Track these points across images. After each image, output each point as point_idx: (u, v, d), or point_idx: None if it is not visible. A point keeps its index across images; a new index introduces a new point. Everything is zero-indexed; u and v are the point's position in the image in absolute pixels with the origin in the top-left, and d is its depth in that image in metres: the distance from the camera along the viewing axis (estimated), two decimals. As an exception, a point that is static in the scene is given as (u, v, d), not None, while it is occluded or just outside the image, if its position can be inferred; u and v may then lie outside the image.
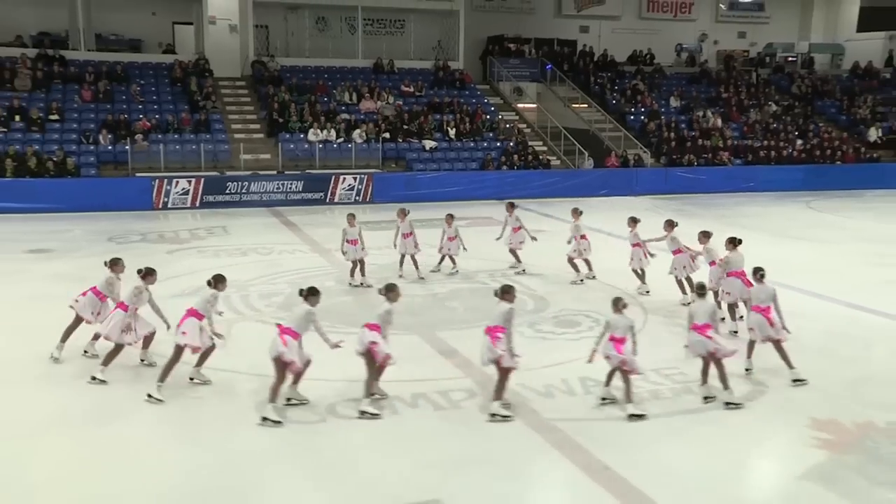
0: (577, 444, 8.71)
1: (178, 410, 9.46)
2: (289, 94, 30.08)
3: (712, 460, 8.47)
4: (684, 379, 10.49)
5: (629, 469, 8.14)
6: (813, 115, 36.18)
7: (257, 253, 18.50)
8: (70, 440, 8.72)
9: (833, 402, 10.00)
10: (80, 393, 9.91)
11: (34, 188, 23.59)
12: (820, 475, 8.10)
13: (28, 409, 9.50)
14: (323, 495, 7.72)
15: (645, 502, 7.56)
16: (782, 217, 24.96)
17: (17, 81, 27.96)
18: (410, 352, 11.64)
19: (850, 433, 9.10)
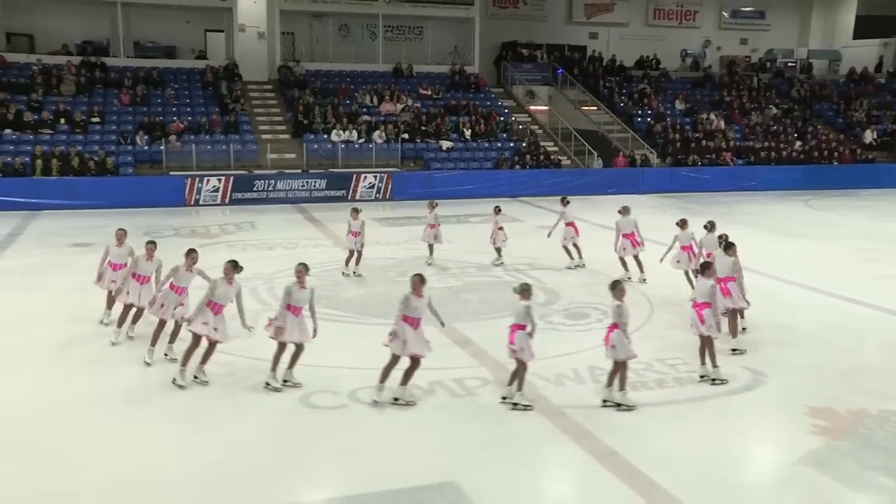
0: (585, 430, 8.67)
1: (206, 396, 9.46)
2: (313, 97, 30.10)
3: (713, 446, 8.42)
4: (688, 369, 10.42)
5: (634, 454, 8.10)
6: (811, 118, 35.93)
7: (283, 247, 18.51)
8: (108, 421, 8.76)
9: (828, 390, 9.94)
10: (121, 376, 9.96)
11: (77, 186, 23.75)
12: (815, 460, 8.06)
13: (73, 390, 9.56)
14: (344, 476, 7.71)
15: (649, 485, 7.52)
16: (781, 215, 24.78)
17: (63, 87, 28.15)
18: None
19: (844, 420, 9.05)
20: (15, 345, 11.10)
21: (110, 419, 8.84)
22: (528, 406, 9.10)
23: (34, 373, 10.17)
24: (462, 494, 7.27)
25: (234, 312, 9.86)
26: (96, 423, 8.73)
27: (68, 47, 30.56)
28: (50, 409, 9.05)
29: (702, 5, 40.42)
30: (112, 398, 9.36)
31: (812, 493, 7.50)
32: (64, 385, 9.71)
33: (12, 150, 24.87)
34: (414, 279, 9.21)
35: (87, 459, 7.94)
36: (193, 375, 9.67)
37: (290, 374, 9.56)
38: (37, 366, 10.38)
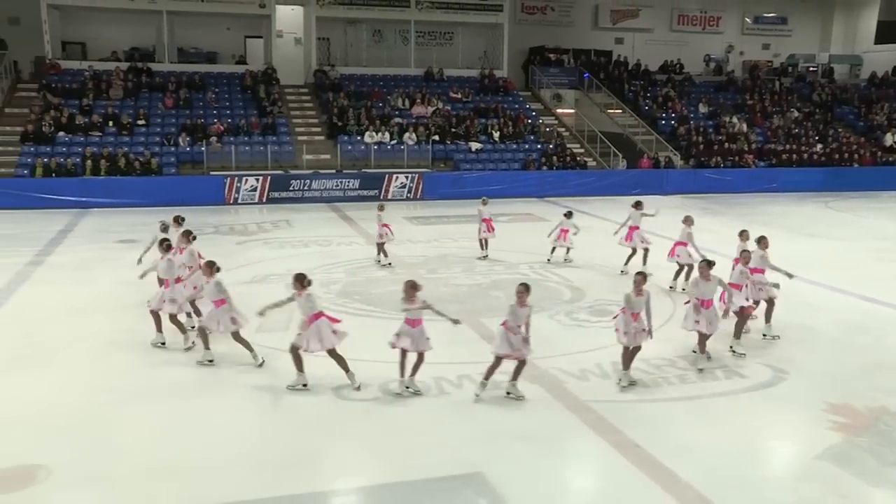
0: (609, 424, 8.61)
1: (243, 389, 9.51)
2: (347, 100, 30.21)
3: (734, 440, 8.34)
4: (710, 366, 10.32)
5: (657, 447, 8.04)
6: (832, 121, 35.43)
7: (317, 245, 18.61)
8: (153, 409, 8.86)
9: (847, 387, 9.81)
10: (167, 367, 10.08)
11: (123, 185, 24.09)
12: (834, 456, 7.95)
13: (121, 379, 9.68)
14: (375, 466, 7.73)
15: (671, 478, 7.46)
16: (802, 216, 24.46)
17: (112, 91, 28.56)
18: (456, 336, 11.57)
19: (863, 417, 8.92)
20: (68, 335, 11.29)
21: (155, 408, 8.94)
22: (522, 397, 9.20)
23: (86, 362, 10.33)
24: (488, 485, 7.25)
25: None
26: (142, 411, 8.83)
27: (117, 54, 31.01)
28: (100, 397, 9.19)
29: (725, 11, 40.02)
30: (158, 388, 9.48)
31: (831, 488, 7.38)
32: (112, 374, 9.83)
33: (65, 152, 25.30)
34: (405, 286, 9.21)
35: (133, 444, 8.05)
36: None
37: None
38: (88, 355, 10.53)
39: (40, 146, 25.41)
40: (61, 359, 10.44)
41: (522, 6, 36.85)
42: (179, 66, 31.17)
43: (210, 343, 10.18)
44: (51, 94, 27.55)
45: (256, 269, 15.85)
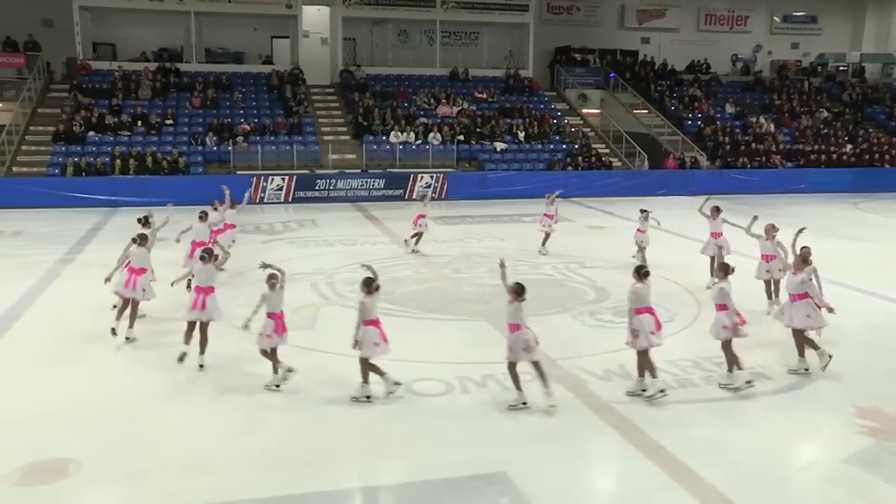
0: (633, 425, 8.58)
1: (265, 389, 9.56)
2: (373, 100, 30.31)
3: (760, 443, 8.26)
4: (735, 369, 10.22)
5: (682, 449, 7.99)
6: (862, 121, 34.96)
7: (342, 244, 18.69)
8: (178, 408, 8.97)
9: (876, 390, 9.68)
10: (193, 368, 10.10)
11: (151, 184, 24.31)
12: (864, 460, 7.85)
13: (148, 377, 9.77)
14: (398, 465, 7.78)
15: (696, 480, 7.41)
16: (830, 217, 24.12)
17: (141, 91, 28.89)
18: (481, 336, 11.65)
19: (892, 420, 8.81)
20: (97, 333, 11.41)
21: (180, 406, 9.05)
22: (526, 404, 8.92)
23: (114, 359, 10.47)
24: (511, 484, 7.26)
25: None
26: (167, 409, 8.94)
27: (146, 54, 31.33)
28: (127, 394, 9.30)
29: (753, 10, 39.59)
30: (183, 386, 9.58)
31: (860, 492, 7.29)
32: (140, 372, 9.93)
33: (94, 151, 25.64)
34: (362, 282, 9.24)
35: (159, 441, 8.15)
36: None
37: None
38: (116, 353, 10.66)
39: (71, 146, 25.77)
40: (90, 356, 10.57)
41: (548, 6, 36.74)
42: (207, 66, 31.45)
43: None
44: (81, 95, 27.91)
45: (282, 268, 15.92)
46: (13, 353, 10.74)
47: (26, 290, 13.85)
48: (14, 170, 25.14)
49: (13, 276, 14.77)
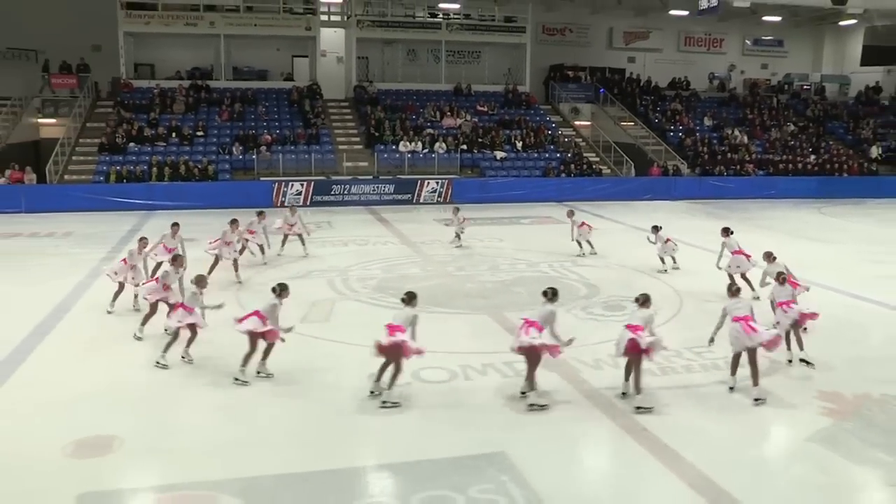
0: (620, 409, 8.61)
1: (287, 375, 9.53)
2: (384, 113, 30.32)
3: (734, 425, 8.31)
4: (712, 356, 10.19)
5: (663, 431, 8.02)
6: (824, 135, 34.90)
7: (356, 244, 18.72)
8: (207, 391, 9.01)
9: (837, 377, 9.75)
10: (218, 354, 10.09)
11: (184, 190, 24.39)
12: (824, 438, 7.94)
13: (181, 364, 9.77)
14: (407, 445, 7.79)
15: (676, 458, 7.45)
16: (798, 220, 24.10)
17: (175, 106, 28.97)
18: (482, 328, 11.68)
19: (850, 403, 8.89)
20: (136, 323, 11.46)
21: (211, 390, 9.07)
22: (545, 406, 8.55)
23: (151, 347, 10.48)
24: (510, 463, 7.29)
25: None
26: (199, 393, 8.99)
27: (180, 73, 31.40)
28: (163, 378, 9.36)
29: (727, 34, 39.57)
30: (213, 372, 9.58)
31: (820, 467, 7.37)
32: (174, 359, 9.87)
33: (134, 160, 25.70)
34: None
35: (192, 421, 8.21)
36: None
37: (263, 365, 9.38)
38: (153, 342, 10.67)
39: (114, 155, 25.85)
40: (130, 344, 10.62)
41: (543, 28, 36.71)
42: (234, 83, 31.46)
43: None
44: (124, 110, 28.03)
45: (300, 265, 16.01)
46: (65, 341, 10.83)
47: (75, 284, 13.94)
48: (66, 178, 25.30)
49: (65, 273, 14.86)
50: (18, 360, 9.96)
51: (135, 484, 6.93)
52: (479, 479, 6.99)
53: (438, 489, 6.79)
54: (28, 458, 7.25)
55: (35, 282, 14.33)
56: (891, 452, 7.69)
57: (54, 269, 15.39)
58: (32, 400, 8.66)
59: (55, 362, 9.96)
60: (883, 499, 7.07)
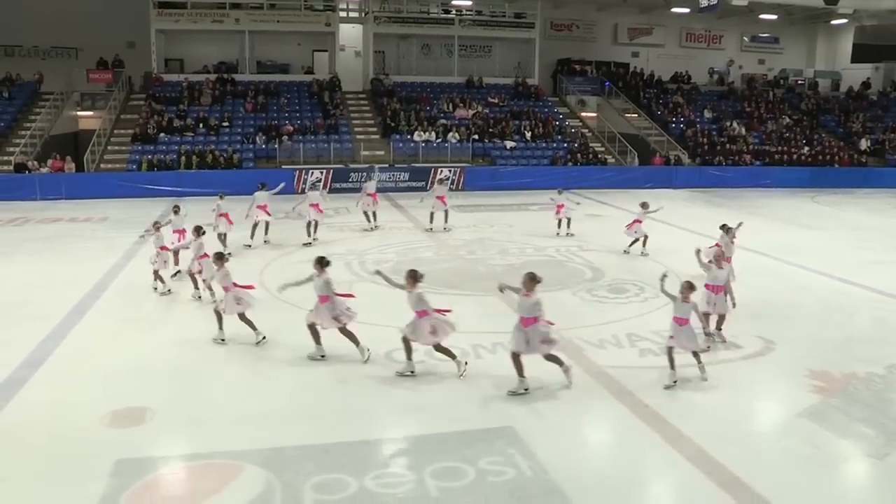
0: (623, 387, 8.62)
1: (308, 352, 9.63)
2: (399, 104, 30.24)
3: (730, 402, 8.32)
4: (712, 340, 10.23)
5: (664, 407, 8.04)
6: (817, 128, 34.54)
7: (369, 231, 18.71)
8: (235, 366, 9.10)
9: (825, 356, 9.73)
10: (246, 334, 10.18)
11: (210, 177, 24.33)
12: (812, 414, 7.98)
13: (209, 341, 9.84)
14: (419, 419, 7.84)
15: (675, 433, 7.47)
16: (792, 208, 23.88)
17: (202, 98, 29.01)
18: (492, 309, 11.67)
19: (837, 381, 8.90)
20: (167, 303, 11.61)
21: (235, 366, 9.15)
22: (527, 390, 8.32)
23: (180, 325, 10.62)
24: (517, 437, 7.33)
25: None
26: (225, 369, 9.07)
27: (207, 67, 31.43)
28: (192, 355, 9.44)
29: (726, 31, 39.13)
30: (237, 350, 9.67)
31: (808, 440, 7.41)
32: (202, 337, 10.01)
33: (164, 150, 25.83)
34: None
35: (218, 395, 8.30)
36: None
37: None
38: (182, 320, 10.83)
39: (146, 145, 25.98)
40: (161, 323, 10.74)
41: (552, 24, 36.40)
42: (258, 76, 31.46)
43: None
44: (155, 102, 28.13)
45: (320, 249, 16.03)
46: (102, 319, 10.95)
47: (111, 266, 14.08)
48: (102, 166, 25.50)
49: (103, 255, 15.00)
50: (60, 336, 10.10)
51: (166, 452, 7.02)
52: (489, 451, 7.03)
53: (450, 461, 6.83)
54: (70, 427, 7.38)
55: (75, 263, 14.51)
56: (873, 426, 7.74)
57: (92, 252, 15.54)
58: (74, 373, 8.80)
59: (93, 338, 10.09)
60: (864, 469, 7.10)
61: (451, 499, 6.24)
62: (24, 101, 28.09)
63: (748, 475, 6.64)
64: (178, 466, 6.78)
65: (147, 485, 6.39)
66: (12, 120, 27.03)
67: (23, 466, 6.63)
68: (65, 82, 28.85)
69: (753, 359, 9.66)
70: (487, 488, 6.39)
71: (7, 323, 10.60)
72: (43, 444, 7.05)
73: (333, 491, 6.31)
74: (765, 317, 11.35)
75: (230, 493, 6.27)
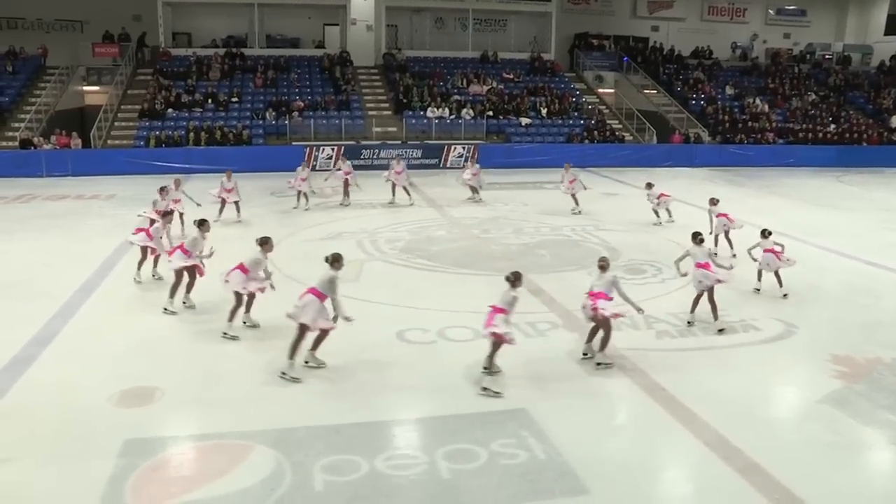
0: (639, 369, 8.58)
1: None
2: (412, 80, 30.05)
3: (748, 385, 8.26)
4: (728, 320, 10.16)
5: (680, 390, 8.00)
6: (845, 105, 33.93)
7: (384, 206, 18.70)
8: (246, 346, 9.12)
9: (849, 341, 9.62)
10: (256, 315, 10.15)
11: (219, 154, 24.34)
12: (834, 400, 7.90)
13: (218, 321, 9.77)
14: (432, 400, 7.85)
15: (691, 417, 7.44)
16: (815, 188, 23.57)
17: (211, 73, 28.94)
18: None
19: (861, 366, 8.80)
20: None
21: (244, 347, 9.17)
22: (498, 393, 7.88)
23: (194, 304, 10.62)
24: (530, 419, 7.32)
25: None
26: (235, 349, 9.08)
27: (216, 41, 31.32)
28: (201, 335, 9.47)
29: (750, 3, 38.43)
30: (247, 331, 9.67)
31: (830, 427, 7.34)
32: (211, 316, 10.01)
33: (172, 126, 25.82)
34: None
35: (226, 375, 8.32)
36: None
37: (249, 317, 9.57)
38: (195, 300, 10.81)
39: (153, 121, 25.97)
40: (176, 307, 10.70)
41: (569, -3, 36.06)
42: (267, 50, 31.32)
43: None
44: (163, 77, 28.09)
45: (331, 227, 16.07)
46: (110, 298, 11.02)
47: (118, 244, 14.06)
48: (109, 143, 25.52)
49: (111, 233, 15.03)
50: (68, 314, 10.17)
51: (175, 432, 7.08)
52: (501, 433, 7.03)
53: (462, 443, 6.84)
54: (79, 407, 7.45)
55: (82, 241, 14.59)
56: (898, 413, 7.61)
57: (99, 229, 15.62)
58: (82, 352, 8.87)
59: (101, 317, 10.16)
60: (889, 458, 7.03)
61: (462, 481, 6.26)
62: (29, 75, 28.11)
63: (767, 461, 6.59)
64: (187, 447, 6.83)
65: (155, 465, 6.44)
66: (17, 95, 27.07)
67: (31, 446, 6.70)
68: (70, 56, 28.81)
69: (773, 342, 9.58)
70: (500, 471, 6.40)
71: (14, 301, 10.69)
72: (51, 423, 7.12)
73: (344, 472, 6.34)
74: (785, 300, 11.24)
75: (239, 474, 6.30)
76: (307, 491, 6.09)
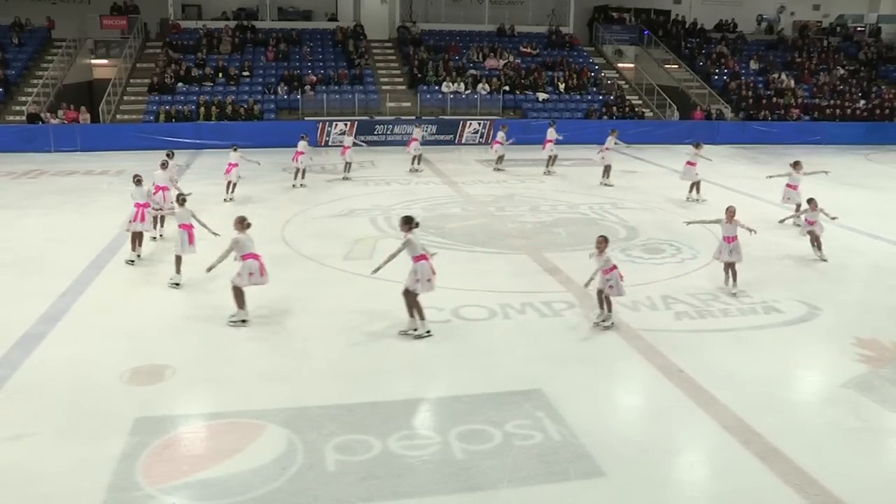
0: (657, 350, 8.53)
1: (330, 310, 9.67)
2: (427, 54, 29.83)
3: (769, 368, 8.18)
4: (750, 301, 10.09)
5: (699, 372, 7.94)
6: (876, 79, 33.25)
7: (398, 183, 18.67)
8: (256, 327, 9.15)
9: (875, 324, 9.48)
10: (269, 293, 10.11)
11: (230, 129, 24.34)
12: (859, 384, 7.79)
13: (231, 299, 9.93)
14: (448, 379, 7.86)
15: (710, 400, 7.38)
16: (843, 166, 23.13)
17: (222, 47, 28.86)
18: (521, 268, 11.63)
19: (888, 350, 8.66)
20: (187, 259, 11.64)
21: (257, 326, 9.19)
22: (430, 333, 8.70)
23: (201, 283, 10.61)
24: (546, 400, 7.31)
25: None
26: (248, 329, 9.10)
27: (227, 14, 31.22)
28: (213, 313, 9.46)
29: (779, -27, 37.73)
30: (260, 310, 9.66)
31: (854, 412, 7.25)
32: (224, 295, 10.01)
33: (182, 100, 25.82)
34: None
35: (239, 354, 8.37)
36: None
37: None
38: (204, 278, 10.82)
39: (163, 95, 25.98)
40: (182, 279, 10.76)
41: (589, -33, 35.50)
42: (279, 23, 31.16)
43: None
44: (172, 51, 28.02)
45: (344, 204, 16.06)
46: (121, 274, 11.11)
47: (128, 220, 14.16)
48: (118, 117, 25.57)
49: (121, 209, 14.89)
50: (78, 291, 10.26)
51: (186, 411, 7.14)
52: (516, 414, 7.03)
53: (476, 424, 6.85)
54: (90, 384, 7.51)
55: (92, 217, 14.68)
56: (926, 400, 7.50)
57: (109, 205, 15.68)
58: (93, 329, 8.94)
59: (112, 293, 10.23)
60: (917, 445, 6.94)
61: (476, 462, 6.26)
62: (35, 48, 28.08)
63: (788, 446, 6.54)
64: (199, 425, 6.88)
65: (166, 443, 6.49)
66: (23, 68, 27.08)
67: (42, 423, 6.77)
68: (77, 28, 28.72)
69: (796, 325, 9.49)
70: (514, 452, 6.40)
71: (24, 277, 10.79)
72: (62, 400, 7.19)
73: (357, 452, 6.37)
74: (809, 280, 11.16)
75: (251, 453, 6.34)
76: (319, 471, 6.12)
